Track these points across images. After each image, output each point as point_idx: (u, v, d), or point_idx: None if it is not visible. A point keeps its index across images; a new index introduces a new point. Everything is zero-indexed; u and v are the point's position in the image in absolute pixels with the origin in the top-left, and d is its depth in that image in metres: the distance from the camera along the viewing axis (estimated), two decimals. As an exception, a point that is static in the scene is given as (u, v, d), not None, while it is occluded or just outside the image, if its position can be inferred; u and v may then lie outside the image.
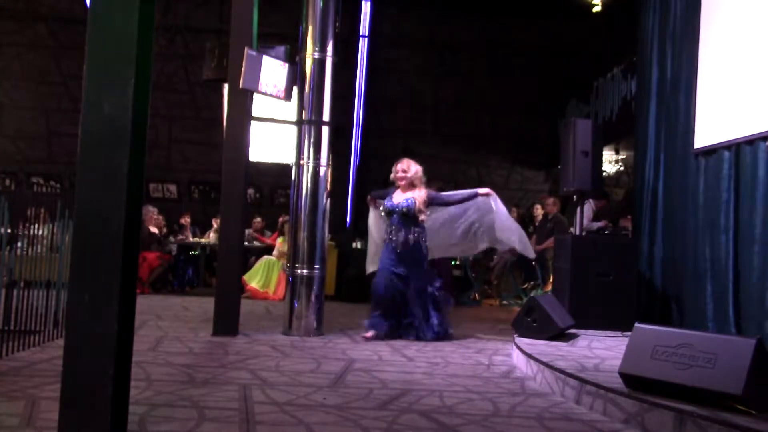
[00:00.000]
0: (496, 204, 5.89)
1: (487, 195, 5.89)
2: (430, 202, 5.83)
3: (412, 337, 5.67)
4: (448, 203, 5.94)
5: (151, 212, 9.41)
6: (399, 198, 5.80)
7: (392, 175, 5.94)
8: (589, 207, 8.42)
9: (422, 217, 5.75)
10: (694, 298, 5.62)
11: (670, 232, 6.14)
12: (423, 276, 5.76)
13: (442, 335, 5.72)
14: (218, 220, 9.94)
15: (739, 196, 5.11)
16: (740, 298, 5.00)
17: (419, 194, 5.76)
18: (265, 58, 5.83)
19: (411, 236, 5.70)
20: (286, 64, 6.08)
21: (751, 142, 4.93)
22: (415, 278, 5.71)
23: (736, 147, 5.12)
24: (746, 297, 4.89)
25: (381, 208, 5.90)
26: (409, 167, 5.88)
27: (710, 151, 5.46)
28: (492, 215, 5.87)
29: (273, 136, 9.44)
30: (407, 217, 5.71)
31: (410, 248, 5.70)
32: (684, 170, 5.95)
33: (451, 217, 6.00)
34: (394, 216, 5.75)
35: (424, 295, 5.73)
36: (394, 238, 5.72)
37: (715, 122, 5.43)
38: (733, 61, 5.24)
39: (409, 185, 5.84)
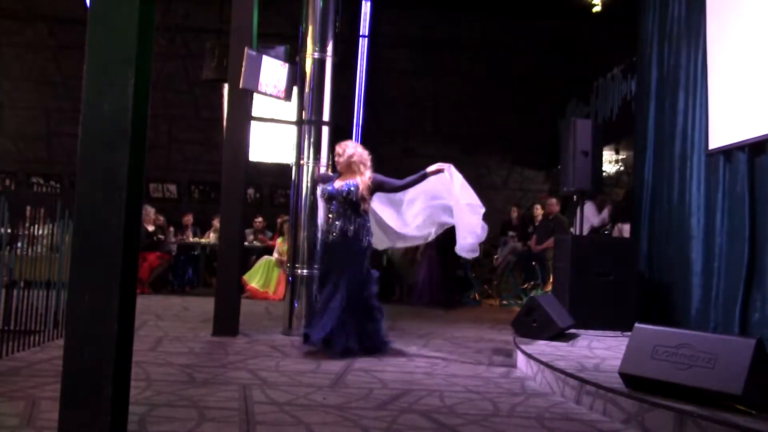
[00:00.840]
0: (452, 183, 5.12)
1: (438, 171, 5.12)
2: (375, 188, 5.10)
3: (340, 351, 4.76)
4: (396, 189, 5.18)
5: (149, 212, 9.42)
6: (340, 183, 5.10)
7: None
8: (591, 206, 8.44)
9: (365, 205, 5.05)
10: (695, 299, 5.62)
11: (671, 233, 6.14)
12: (358, 277, 4.96)
13: (376, 349, 4.97)
14: (218, 220, 9.98)
15: (745, 196, 5.08)
16: (751, 298, 4.98)
17: (363, 179, 5.05)
18: (265, 58, 5.83)
19: (351, 227, 4.97)
20: (286, 64, 6.08)
21: (764, 142, 4.89)
22: (348, 279, 4.90)
23: (748, 147, 5.08)
24: (762, 297, 4.86)
25: (320, 192, 5.23)
26: (344, 150, 5.12)
27: (719, 152, 5.43)
28: (446, 201, 5.19)
29: (273, 136, 9.44)
30: (348, 205, 4.99)
31: (348, 240, 4.95)
32: (686, 170, 5.94)
33: (404, 204, 5.33)
34: (334, 203, 5.03)
35: (358, 302, 4.93)
36: (332, 228, 5.02)
37: (729, 123, 5.37)
38: (746, 61, 5.17)
39: (348, 169, 5.09)
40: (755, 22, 5.11)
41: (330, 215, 5.07)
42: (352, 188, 5.00)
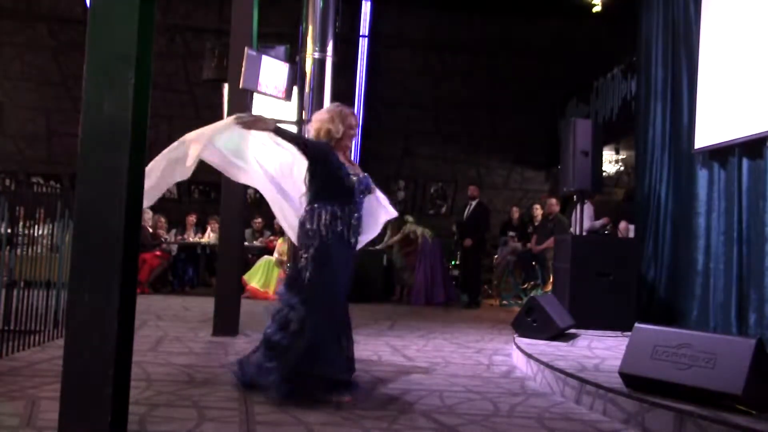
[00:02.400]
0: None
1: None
2: None
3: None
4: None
5: (147, 215, 9.44)
6: (352, 169, 3.76)
7: (341, 129, 3.69)
8: (589, 206, 8.45)
9: None
10: (696, 299, 5.63)
11: (673, 233, 6.15)
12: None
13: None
14: (212, 223, 10.02)
15: (742, 196, 5.09)
16: (747, 299, 4.98)
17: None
18: (265, 58, 5.83)
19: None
20: (287, 64, 6.09)
21: (757, 141, 4.91)
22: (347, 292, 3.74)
23: (740, 147, 5.09)
24: (759, 297, 4.86)
25: (358, 183, 3.69)
26: (356, 118, 3.87)
27: (715, 152, 5.44)
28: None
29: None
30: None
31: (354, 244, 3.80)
32: (687, 171, 5.96)
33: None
34: (361, 196, 3.75)
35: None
36: (359, 227, 3.73)
37: (720, 122, 5.40)
38: (736, 60, 5.23)
39: (345, 148, 3.82)
40: (745, 23, 5.14)
41: (357, 213, 3.70)
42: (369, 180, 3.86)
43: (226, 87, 6.18)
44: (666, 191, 6.32)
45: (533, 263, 9.36)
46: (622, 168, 12.14)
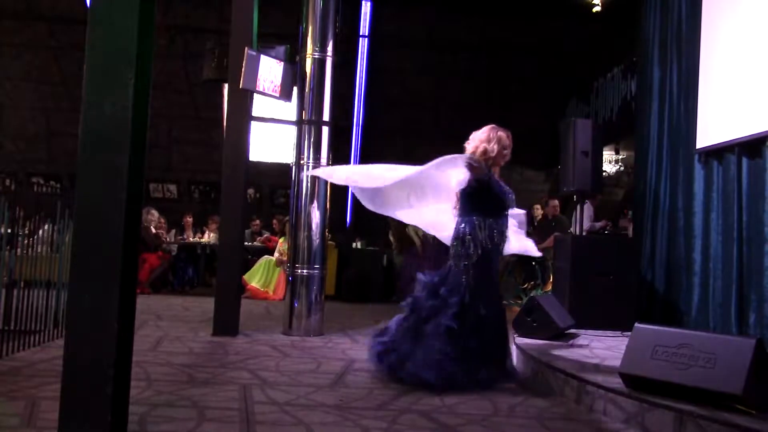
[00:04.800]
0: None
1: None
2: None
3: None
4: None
5: (154, 215, 9.44)
6: (506, 186, 4.38)
7: (496, 150, 4.34)
8: (588, 207, 8.45)
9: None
10: (695, 299, 5.63)
11: (672, 233, 6.14)
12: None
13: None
14: (212, 223, 10.03)
15: (742, 195, 5.09)
16: (747, 299, 4.98)
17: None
18: (265, 58, 5.84)
19: None
20: (282, 62, 6.08)
21: (757, 141, 4.90)
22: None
23: (740, 146, 5.09)
24: (758, 297, 4.85)
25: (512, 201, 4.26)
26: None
27: (714, 151, 5.44)
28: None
29: (273, 136, 9.46)
30: None
31: None
32: (686, 170, 5.95)
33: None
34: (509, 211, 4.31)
35: None
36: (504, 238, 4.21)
37: (720, 121, 5.40)
38: (737, 60, 5.22)
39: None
40: (746, 21, 5.13)
41: (503, 228, 4.18)
42: None
43: (226, 87, 6.18)
44: (664, 191, 6.32)
45: (533, 263, 9.35)
46: (622, 168, 12.14)
